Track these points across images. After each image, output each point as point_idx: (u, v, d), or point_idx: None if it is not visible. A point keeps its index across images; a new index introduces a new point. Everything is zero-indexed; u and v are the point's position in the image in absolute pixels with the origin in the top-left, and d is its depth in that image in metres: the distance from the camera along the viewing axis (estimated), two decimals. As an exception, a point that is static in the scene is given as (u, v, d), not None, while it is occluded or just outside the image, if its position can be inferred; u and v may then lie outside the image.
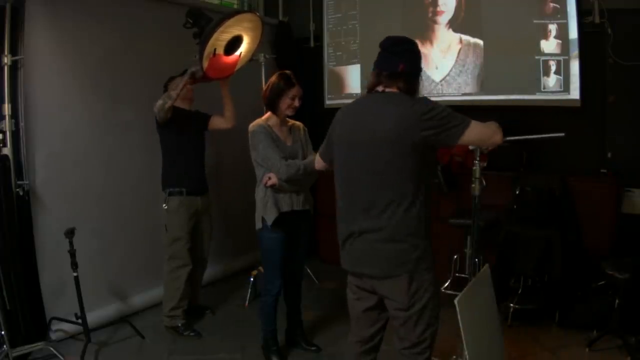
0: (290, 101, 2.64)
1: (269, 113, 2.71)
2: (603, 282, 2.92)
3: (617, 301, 2.81)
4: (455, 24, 3.95)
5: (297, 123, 2.82)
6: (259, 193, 2.66)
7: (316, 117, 4.47)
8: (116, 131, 3.37)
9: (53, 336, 2.98)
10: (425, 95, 4.25)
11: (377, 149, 1.76)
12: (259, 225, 2.67)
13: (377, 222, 1.78)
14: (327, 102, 4.74)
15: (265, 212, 2.62)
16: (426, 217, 1.81)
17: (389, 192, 1.76)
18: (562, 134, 2.28)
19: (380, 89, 1.84)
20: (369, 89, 1.88)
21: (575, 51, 3.47)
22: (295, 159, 2.64)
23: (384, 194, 1.77)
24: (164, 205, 3.11)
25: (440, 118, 1.72)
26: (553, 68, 3.56)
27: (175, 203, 3.10)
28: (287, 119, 2.75)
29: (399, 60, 1.81)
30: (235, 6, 4.56)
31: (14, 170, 2.84)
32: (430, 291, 1.84)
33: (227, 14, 2.80)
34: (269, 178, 2.57)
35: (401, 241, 1.76)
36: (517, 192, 3.38)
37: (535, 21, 3.58)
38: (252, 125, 2.67)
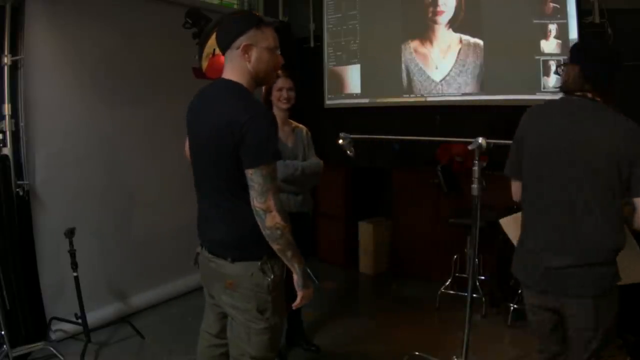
0: (278, 93, 2.64)
1: None
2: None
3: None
4: (455, 24, 3.95)
5: (301, 126, 2.81)
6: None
7: (316, 117, 4.47)
8: (116, 131, 3.37)
9: (53, 336, 2.98)
10: (425, 95, 4.28)
11: (584, 159, 1.66)
12: None
13: (573, 240, 1.69)
14: (327, 102, 4.74)
15: None
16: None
17: (588, 208, 1.66)
18: None
19: (578, 93, 1.75)
20: (566, 90, 1.79)
21: (575, 51, 3.47)
22: (295, 160, 2.64)
23: (585, 209, 1.66)
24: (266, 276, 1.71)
25: None
26: (553, 68, 3.56)
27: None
28: (290, 120, 2.75)
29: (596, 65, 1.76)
30: (235, 6, 4.56)
31: (14, 170, 2.85)
32: (613, 311, 1.76)
33: (227, 14, 2.80)
34: None
35: (598, 263, 1.68)
36: (517, 192, 3.38)
37: (535, 21, 3.57)
38: None
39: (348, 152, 2.68)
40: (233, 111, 1.59)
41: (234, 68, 1.67)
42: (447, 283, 3.60)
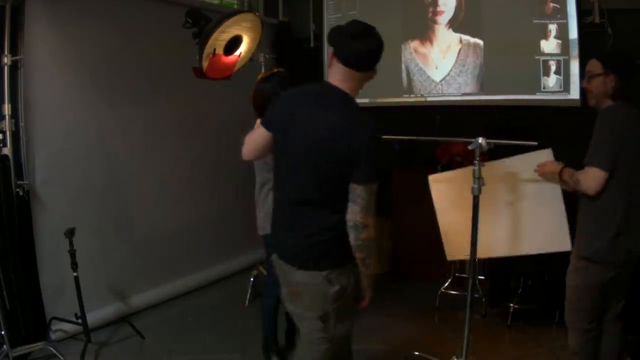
0: None
1: None
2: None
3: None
4: (455, 24, 3.95)
5: None
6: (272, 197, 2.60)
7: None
8: (116, 131, 3.37)
9: (53, 336, 2.98)
10: (425, 95, 4.28)
11: None
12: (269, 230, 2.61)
13: None
14: (327, 102, 4.74)
15: None
16: None
17: None
18: (535, 143, 2.34)
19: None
20: (617, 96, 2.09)
21: (575, 51, 3.47)
22: None
23: None
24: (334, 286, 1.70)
25: None
26: (553, 68, 3.56)
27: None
28: None
29: None
30: (235, 6, 4.56)
31: (14, 170, 2.84)
32: None
33: (227, 14, 2.80)
34: None
35: None
36: (517, 192, 3.38)
37: (535, 21, 3.57)
38: None
39: None
40: (354, 129, 1.62)
41: (350, 81, 1.69)
42: (447, 283, 3.60)
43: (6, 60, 2.79)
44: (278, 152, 1.77)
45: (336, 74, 1.68)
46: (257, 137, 1.84)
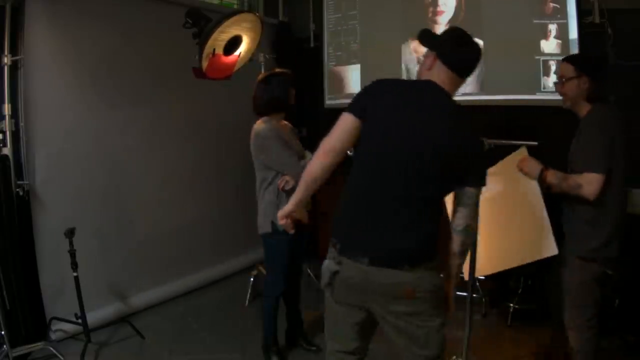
0: (293, 90, 2.65)
1: (270, 115, 2.65)
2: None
3: (617, 301, 2.81)
4: (456, 24, 3.93)
5: (287, 122, 2.78)
6: (268, 196, 2.60)
7: (316, 117, 4.47)
8: (116, 131, 3.37)
9: (53, 336, 2.98)
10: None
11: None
12: (267, 229, 2.60)
13: None
14: (327, 102, 4.73)
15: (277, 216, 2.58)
16: None
17: None
18: (535, 143, 2.36)
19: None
20: (592, 98, 2.14)
21: (575, 51, 3.46)
22: (302, 158, 2.61)
23: None
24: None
25: None
26: (553, 68, 3.56)
27: None
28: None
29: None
30: (235, 6, 4.56)
31: (14, 170, 2.85)
32: None
33: (227, 14, 2.80)
34: (287, 182, 2.53)
35: None
36: (517, 192, 3.38)
37: (535, 21, 3.58)
38: (263, 129, 2.57)
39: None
40: (465, 132, 1.63)
41: (451, 85, 1.72)
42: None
43: (6, 60, 2.80)
44: (367, 143, 1.68)
45: (438, 76, 1.70)
46: (344, 126, 1.71)
